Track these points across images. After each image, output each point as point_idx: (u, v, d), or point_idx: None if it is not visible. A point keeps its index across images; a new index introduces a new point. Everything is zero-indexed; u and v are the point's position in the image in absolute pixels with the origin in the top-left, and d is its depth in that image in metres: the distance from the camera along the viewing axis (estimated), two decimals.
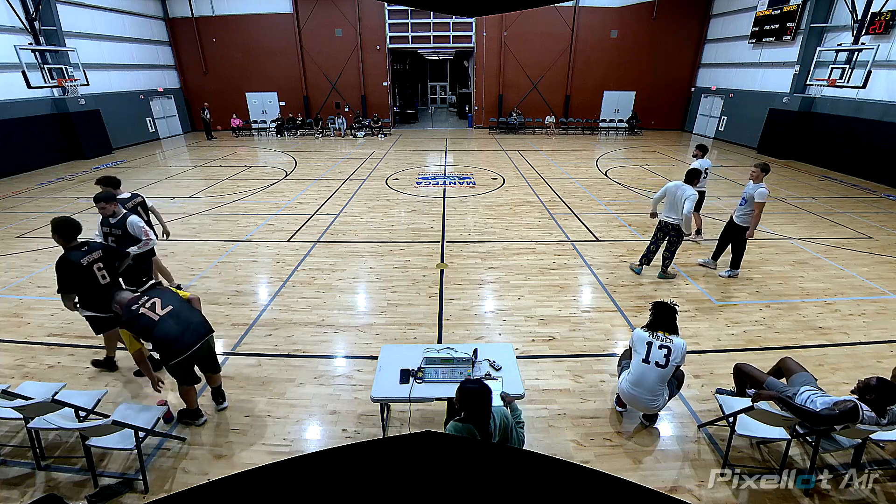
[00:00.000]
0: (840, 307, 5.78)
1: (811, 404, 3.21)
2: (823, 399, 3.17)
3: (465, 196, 10.80)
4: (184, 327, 3.46)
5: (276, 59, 21.67)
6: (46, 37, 14.59)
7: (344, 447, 0.99)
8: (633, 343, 3.65)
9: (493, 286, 6.29)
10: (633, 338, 3.67)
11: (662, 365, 3.48)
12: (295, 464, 0.95)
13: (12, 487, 3.27)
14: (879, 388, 2.96)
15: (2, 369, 4.59)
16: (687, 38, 21.19)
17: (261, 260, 7.21)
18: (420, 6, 2.81)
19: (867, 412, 2.94)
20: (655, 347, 3.51)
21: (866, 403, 2.97)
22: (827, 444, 3.21)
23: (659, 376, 3.50)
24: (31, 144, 14.21)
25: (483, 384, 2.57)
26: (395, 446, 1.11)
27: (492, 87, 22.28)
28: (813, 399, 3.24)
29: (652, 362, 3.50)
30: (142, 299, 3.52)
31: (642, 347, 3.57)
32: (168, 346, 3.39)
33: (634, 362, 3.61)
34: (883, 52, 12.43)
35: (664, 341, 3.52)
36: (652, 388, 3.53)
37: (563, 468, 0.98)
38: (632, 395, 3.62)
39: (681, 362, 3.53)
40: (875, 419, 2.94)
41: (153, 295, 3.58)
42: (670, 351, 3.49)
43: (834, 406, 3.01)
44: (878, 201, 10.76)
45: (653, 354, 3.51)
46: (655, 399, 3.56)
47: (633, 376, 3.60)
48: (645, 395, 3.55)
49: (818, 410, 3.07)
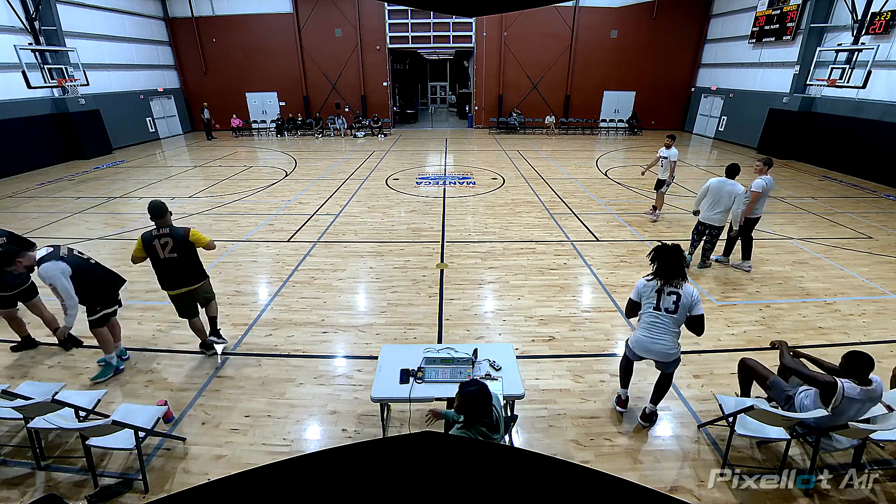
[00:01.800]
0: (840, 307, 5.78)
1: (806, 399, 3.26)
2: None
3: (465, 196, 10.80)
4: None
5: (276, 59, 21.67)
6: (46, 37, 14.60)
7: (344, 447, 0.99)
8: (641, 293, 3.59)
9: (493, 286, 6.29)
10: (638, 289, 3.61)
11: (672, 311, 3.45)
12: (295, 464, 0.95)
13: (12, 487, 3.27)
14: (849, 358, 3.12)
15: (2, 369, 4.59)
16: (687, 38, 21.19)
17: (261, 260, 7.21)
18: (420, 6, 2.81)
19: (846, 383, 3.03)
20: (664, 294, 3.47)
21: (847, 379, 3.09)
22: (826, 444, 3.21)
23: (672, 322, 3.47)
24: (31, 144, 14.21)
25: (481, 383, 2.58)
26: (395, 446, 1.11)
27: (492, 87, 22.28)
28: (808, 394, 3.28)
29: (662, 309, 3.48)
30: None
31: (651, 296, 3.53)
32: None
33: (645, 312, 3.58)
34: (883, 52, 12.43)
35: (674, 287, 3.45)
36: (665, 335, 3.49)
37: (563, 468, 0.98)
38: (645, 345, 3.55)
39: (695, 310, 3.43)
40: (857, 388, 3.01)
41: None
42: (679, 297, 3.44)
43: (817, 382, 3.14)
44: (878, 201, 10.76)
45: (663, 301, 3.48)
46: (669, 346, 3.50)
47: (645, 325, 3.56)
48: (658, 342, 3.50)
49: (806, 373, 3.25)
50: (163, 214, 4.25)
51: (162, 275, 4.38)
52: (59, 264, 3.94)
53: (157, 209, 4.23)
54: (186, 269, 4.40)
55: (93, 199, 10.70)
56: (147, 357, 4.76)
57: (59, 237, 8.19)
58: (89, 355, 4.79)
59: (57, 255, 4.00)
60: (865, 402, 3.03)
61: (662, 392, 3.79)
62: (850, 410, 3.04)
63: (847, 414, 3.05)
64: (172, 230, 4.30)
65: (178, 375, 4.48)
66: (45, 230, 8.57)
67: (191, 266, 4.43)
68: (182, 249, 4.29)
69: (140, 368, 4.59)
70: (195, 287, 4.49)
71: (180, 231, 4.32)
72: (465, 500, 0.85)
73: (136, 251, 4.32)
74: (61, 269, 3.93)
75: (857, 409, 3.04)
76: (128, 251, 7.47)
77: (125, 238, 8.16)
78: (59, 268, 3.92)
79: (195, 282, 4.48)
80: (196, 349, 4.87)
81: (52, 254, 4.00)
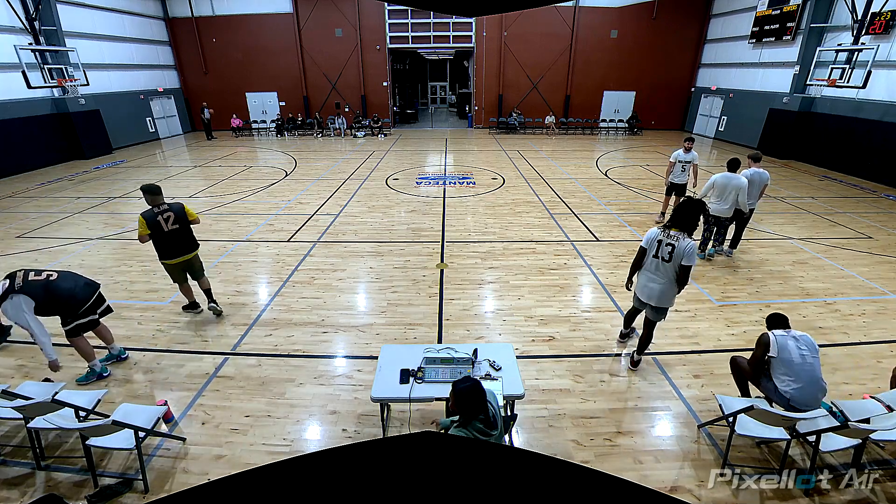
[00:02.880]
0: (840, 307, 5.78)
1: (780, 376, 3.51)
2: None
3: (465, 196, 10.80)
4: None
5: (276, 59, 21.66)
6: (46, 37, 14.59)
7: (344, 447, 0.99)
8: (647, 242, 4.18)
9: (493, 286, 6.29)
10: (647, 237, 4.19)
11: (667, 260, 4.04)
12: (295, 464, 0.95)
13: (12, 487, 3.27)
14: (769, 318, 3.76)
15: (2, 369, 4.59)
16: (687, 38, 21.19)
17: (261, 260, 7.21)
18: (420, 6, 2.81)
19: (773, 332, 3.61)
20: (663, 245, 4.05)
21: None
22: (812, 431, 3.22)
23: (665, 269, 4.07)
24: (31, 144, 14.21)
25: (474, 379, 2.58)
26: (395, 446, 1.11)
27: (492, 87, 22.28)
28: (778, 375, 3.53)
29: (660, 257, 4.09)
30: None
31: (653, 246, 4.13)
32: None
33: (647, 258, 4.22)
34: (883, 52, 12.43)
35: (670, 239, 4.01)
36: (658, 280, 4.13)
37: (563, 468, 0.98)
38: (642, 286, 4.28)
39: (685, 260, 3.94)
40: (781, 331, 3.59)
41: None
42: (674, 248, 3.98)
43: None
44: (878, 201, 10.76)
45: (661, 251, 4.07)
46: (660, 290, 4.13)
47: (646, 269, 4.23)
48: (651, 284, 4.18)
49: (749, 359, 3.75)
50: (159, 192, 4.86)
51: (166, 246, 4.94)
52: (18, 300, 3.72)
53: (154, 188, 4.83)
54: (186, 238, 5.07)
55: (93, 199, 10.70)
56: (147, 357, 4.76)
57: (59, 237, 8.19)
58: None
59: (13, 289, 3.75)
60: (789, 338, 3.52)
61: (647, 342, 4.46)
62: (789, 349, 3.47)
63: (791, 354, 3.45)
64: (171, 206, 4.92)
65: (178, 375, 4.48)
66: (45, 230, 8.57)
67: (189, 236, 5.11)
68: (182, 221, 4.97)
69: (140, 368, 4.59)
70: (193, 255, 5.19)
71: (177, 206, 4.98)
72: (465, 500, 0.85)
73: (142, 229, 4.78)
74: (22, 305, 3.72)
75: (795, 345, 3.48)
76: (128, 251, 7.53)
77: (125, 238, 8.16)
78: (19, 305, 3.71)
79: (193, 249, 5.18)
80: (196, 349, 4.87)
81: (8, 288, 3.75)
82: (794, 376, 3.39)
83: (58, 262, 6.93)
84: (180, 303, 5.85)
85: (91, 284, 4.33)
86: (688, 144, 8.37)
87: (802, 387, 3.36)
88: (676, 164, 8.41)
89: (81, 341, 4.28)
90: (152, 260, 7.14)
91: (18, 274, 3.89)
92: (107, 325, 4.58)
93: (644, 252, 4.22)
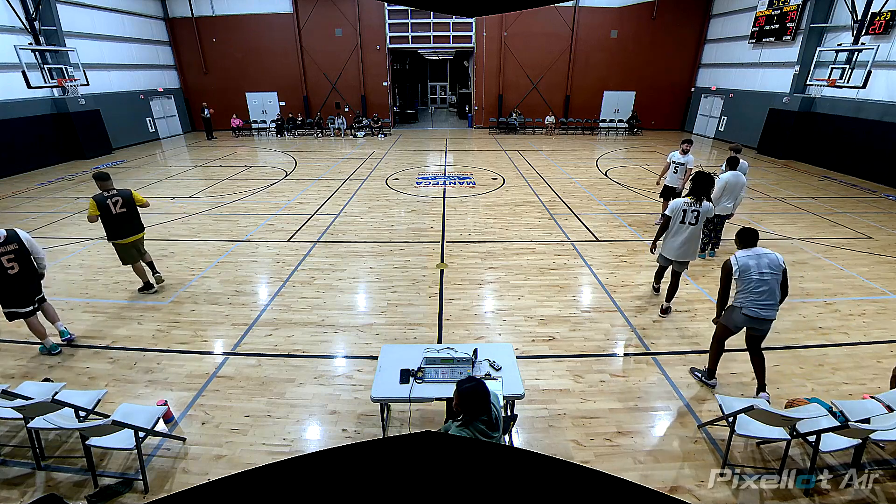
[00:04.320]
0: (840, 307, 5.78)
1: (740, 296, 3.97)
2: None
3: (465, 196, 10.80)
4: None
5: (276, 59, 21.66)
6: (46, 37, 14.60)
7: (344, 447, 0.99)
8: (673, 211, 5.10)
9: (493, 286, 6.30)
10: (672, 207, 5.10)
11: (693, 223, 5.04)
12: (295, 464, 0.95)
13: (12, 487, 3.27)
14: (738, 233, 4.08)
15: (2, 369, 4.59)
16: (687, 38, 21.19)
17: (261, 260, 7.21)
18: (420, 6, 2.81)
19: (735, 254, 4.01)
20: (689, 212, 5.01)
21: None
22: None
23: (692, 230, 5.05)
24: (31, 144, 14.21)
25: (477, 380, 2.58)
26: (395, 446, 1.11)
27: (492, 87, 22.28)
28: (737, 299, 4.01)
29: (686, 223, 5.03)
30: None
31: (679, 214, 5.07)
32: None
33: (673, 226, 5.12)
34: (883, 52, 12.44)
35: (694, 206, 5.01)
36: (688, 240, 5.08)
37: (563, 468, 0.98)
38: (671, 246, 5.17)
39: (708, 214, 5.09)
40: (741, 250, 3.99)
41: None
42: (699, 213, 5.01)
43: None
44: (878, 201, 10.76)
45: (687, 217, 5.03)
46: (689, 247, 5.12)
47: (673, 234, 5.11)
48: (689, 245, 5.09)
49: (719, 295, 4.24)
50: (109, 178, 5.56)
51: (114, 227, 5.55)
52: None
53: (104, 175, 5.53)
54: (133, 221, 5.71)
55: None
56: (147, 357, 4.76)
57: (59, 237, 8.19)
58: (89, 355, 4.79)
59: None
60: (752, 258, 3.89)
61: (673, 292, 5.46)
62: (750, 268, 3.86)
63: (751, 273, 3.84)
64: (120, 191, 5.59)
65: (178, 375, 4.48)
66: (46, 230, 8.57)
67: (136, 218, 5.76)
68: (129, 205, 5.63)
69: (140, 368, 4.59)
70: (139, 236, 5.82)
71: (125, 191, 5.64)
72: (465, 500, 0.85)
73: (93, 210, 5.37)
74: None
75: (756, 263, 3.86)
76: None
77: None
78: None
79: (139, 231, 5.82)
80: (196, 349, 4.88)
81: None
82: (752, 293, 3.82)
83: (58, 262, 6.93)
84: (180, 303, 5.86)
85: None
86: (685, 146, 8.04)
87: (756, 300, 3.82)
88: (674, 166, 8.15)
89: (33, 321, 4.69)
90: (152, 260, 7.16)
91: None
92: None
93: (669, 220, 5.15)
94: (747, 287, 3.86)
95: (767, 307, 3.81)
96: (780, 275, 3.84)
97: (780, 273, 3.84)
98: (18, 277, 4.47)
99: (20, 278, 4.48)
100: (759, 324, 3.88)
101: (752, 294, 3.83)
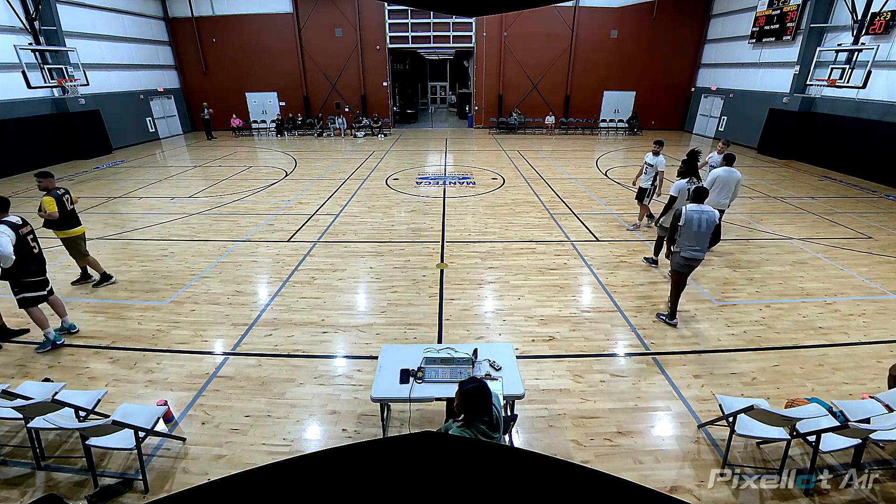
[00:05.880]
0: (840, 307, 5.78)
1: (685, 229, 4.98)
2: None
3: (465, 196, 10.80)
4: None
5: (276, 59, 21.66)
6: (46, 37, 14.59)
7: (344, 447, 0.99)
8: (678, 191, 6.01)
9: (493, 286, 6.30)
10: (676, 188, 6.05)
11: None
12: (295, 464, 0.95)
13: (12, 487, 3.27)
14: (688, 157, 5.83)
15: (2, 369, 4.59)
16: (687, 38, 21.19)
17: (261, 260, 7.21)
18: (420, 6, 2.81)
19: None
20: (691, 191, 5.26)
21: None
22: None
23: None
24: (32, 144, 14.21)
25: (480, 381, 2.58)
26: (395, 446, 1.11)
27: (492, 87, 22.28)
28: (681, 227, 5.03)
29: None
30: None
31: (684, 193, 5.84)
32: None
33: (681, 203, 5.74)
34: (883, 52, 12.43)
35: (696, 184, 5.84)
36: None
37: (563, 468, 0.98)
38: (695, 216, 5.22)
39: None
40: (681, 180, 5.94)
41: None
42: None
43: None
44: (878, 201, 10.76)
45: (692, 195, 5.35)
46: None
47: (691, 204, 5.24)
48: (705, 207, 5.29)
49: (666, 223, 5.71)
50: (53, 176, 5.87)
51: (69, 221, 5.91)
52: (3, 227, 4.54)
53: (49, 174, 5.81)
54: (76, 214, 6.08)
55: (93, 199, 10.70)
56: (147, 357, 4.77)
57: None
58: (89, 355, 4.80)
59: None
60: (695, 213, 4.88)
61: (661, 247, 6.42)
62: (693, 221, 4.87)
63: (693, 226, 4.87)
64: (64, 188, 5.97)
65: (178, 375, 4.48)
66: (45, 230, 8.55)
67: (75, 212, 6.11)
68: (72, 201, 6.01)
69: (140, 368, 4.59)
70: (84, 228, 6.18)
71: (64, 188, 5.99)
72: (465, 500, 0.85)
73: (53, 207, 5.62)
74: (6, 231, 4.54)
75: (699, 217, 4.85)
76: (128, 251, 7.54)
77: (125, 238, 8.16)
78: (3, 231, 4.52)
79: (80, 223, 6.16)
80: (196, 349, 4.88)
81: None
82: (691, 242, 4.95)
83: (58, 262, 6.93)
84: (180, 303, 5.87)
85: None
86: (655, 148, 7.92)
87: (691, 245, 4.96)
88: (645, 167, 8.05)
89: (36, 311, 4.80)
90: (152, 260, 7.17)
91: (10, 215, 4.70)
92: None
93: (675, 199, 6.04)
94: (687, 235, 4.95)
95: (698, 251, 4.99)
96: (712, 229, 4.93)
97: (713, 227, 4.94)
98: (41, 256, 4.88)
99: (42, 258, 4.90)
100: (694, 262, 5.06)
101: (688, 241, 4.96)
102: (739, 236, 8.23)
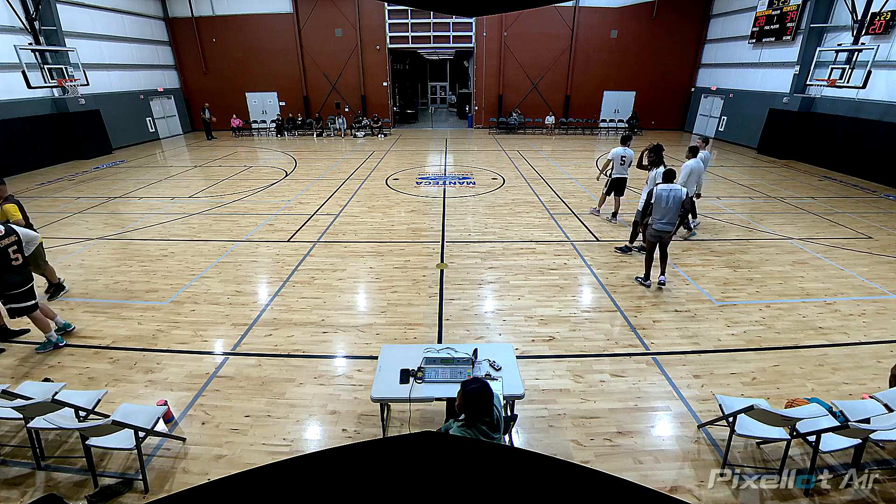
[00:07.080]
0: (840, 307, 5.78)
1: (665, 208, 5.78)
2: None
3: (465, 196, 10.80)
4: None
5: (276, 59, 21.66)
6: (46, 37, 14.59)
7: (344, 447, 0.99)
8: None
9: (493, 286, 6.30)
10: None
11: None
12: (295, 464, 0.95)
13: (12, 487, 3.27)
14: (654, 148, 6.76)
15: (2, 369, 4.59)
16: (687, 38, 21.19)
17: (261, 260, 7.21)
18: (420, 6, 2.81)
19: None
20: (669, 189, 5.83)
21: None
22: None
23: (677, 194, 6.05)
24: (31, 144, 14.20)
25: (483, 382, 2.58)
26: (395, 446, 1.11)
27: (492, 87, 22.28)
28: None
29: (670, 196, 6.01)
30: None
31: (659, 178, 6.22)
32: None
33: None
34: (883, 52, 12.43)
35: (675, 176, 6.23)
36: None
37: (563, 468, 0.98)
38: (664, 194, 5.78)
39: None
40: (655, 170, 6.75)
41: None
42: (674, 173, 6.09)
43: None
44: (878, 201, 10.76)
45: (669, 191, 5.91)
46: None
47: (662, 184, 5.88)
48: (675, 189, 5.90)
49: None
50: (4, 183, 5.66)
51: (28, 226, 5.62)
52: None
53: (1, 181, 5.63)
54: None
55: (93, 199, 10.71)
56: (147, 357, 4.76)
57: (59, 237, 8.19)
58: (89, 355, 4.79)
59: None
60: (665, 191, 5.69)
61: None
62: (662, 199, 5.69)
63: (662, 203, 5.69)
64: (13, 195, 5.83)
65: (178, 375, 4.48)
66: (46, 230, 8.56)
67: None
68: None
69: (140, 368, 4.59)
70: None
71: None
72: (465, 500, 0.85)
73: (19, 214, 5.53)
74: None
75: (667, 195, 5.69)
76: (128, 251, 7.54)
77: (125, 238, 8.16)
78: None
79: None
80: (196, 349, 4.88)
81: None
82: (658, 215, 5.76)
83: (58, 263, 6.93)
84: (180, 303, 5.86)
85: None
86: (628, 143, 8.55)
87: (660, 219, 5.75)
88: (617, 160, 8.41)
89: (38, 316, 4.79)
90: (152, 260, 7.17)
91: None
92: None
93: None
94: (657, 210, 5.76)
95: (666, 224, 5.78)
96: (679, 205, 5.68)
97: (679, 204, 5.68)
98: (23, 268, 4.68)
99: (24, 267, 4.70)
100: (663, 233, 5.84)
101: (658, 215, 5.76)
102: (739, 236, 8.23)
